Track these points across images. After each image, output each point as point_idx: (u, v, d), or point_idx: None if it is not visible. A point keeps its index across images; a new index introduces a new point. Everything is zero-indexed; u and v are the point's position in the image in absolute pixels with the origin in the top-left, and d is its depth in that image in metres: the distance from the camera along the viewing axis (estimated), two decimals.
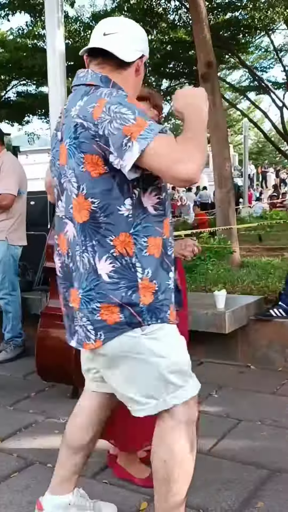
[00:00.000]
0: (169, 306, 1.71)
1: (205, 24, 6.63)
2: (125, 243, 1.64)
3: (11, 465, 2.62)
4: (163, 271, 1.70)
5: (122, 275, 1.65)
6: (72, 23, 13.01)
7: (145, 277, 1.66)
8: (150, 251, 1.66)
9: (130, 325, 1.67)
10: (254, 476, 2.45)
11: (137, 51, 1.75)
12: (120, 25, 1.77)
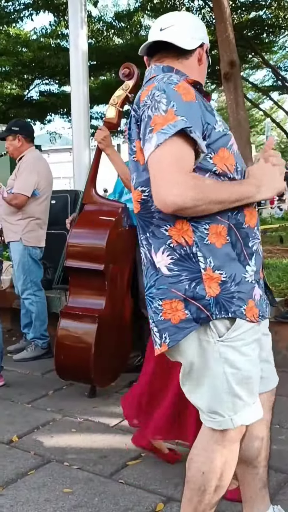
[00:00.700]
0: (244, 300, 1.54)
1: (228, 23, 6.60)
2: (183, 231, 1.53)
3: (28, 463, 2.63)
4: (234, 261, 1.55)
5: (183, 266, 1.53)
6: (95, 22, 13.08)
7: (208, 266, 1.52)
8: (211, 240, 1.53)
9: (198, 321, 1.52)
10: (271, 480, 2.41)
11: (195, 39, 1.69)
12: (175, 17, 1.75)
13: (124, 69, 3.07)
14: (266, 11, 12.00)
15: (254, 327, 1.58)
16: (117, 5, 16.85)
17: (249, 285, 1.56)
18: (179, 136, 1.44)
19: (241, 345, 1.55)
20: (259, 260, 1.62)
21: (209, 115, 1.55)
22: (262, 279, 1.66)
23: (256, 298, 1.59)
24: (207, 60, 1.77)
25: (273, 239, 9.40)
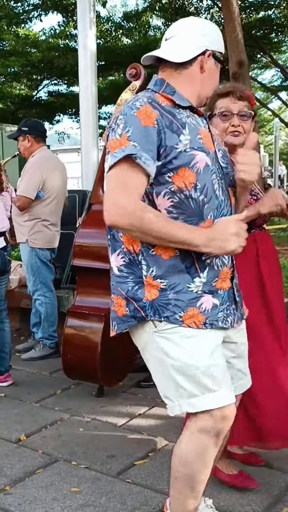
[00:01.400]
0: (182, 307, 1.65)
1: (237, 23, 6.59)
2: (132, 240, 1.67)
3: (36, 462, 2.65)
4: (182, 273, 1.65)
5: (130, 270, 1.70)
6: (104, 23, 13.09)
7: (149, 275, 1.66)
8: (157, 252, 1.64)
9: (135, 318, 1.69)
10: (279, 481, 2.41)
11: (195, 48, 1.70)
12: (180, 27, 1.76)
13: (131, 69, 3.07)
14: (275, 11, 11.95)
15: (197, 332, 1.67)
16: (125, 5, 16.90)
17: (192, 294, 1.66)
18: (126, 161, 1.54)
19: (179, 337, 1.66)
20: (213, 273, 1.69)
21: (173, 135, 1.60)
22: (225, 290, 1.73)
23: (204, 307, 1.67)
24: (216, 64, 1.76)
25: (281, 239, 9.37)
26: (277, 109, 23.68)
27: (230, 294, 1.76)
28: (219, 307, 1.71)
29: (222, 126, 2.22)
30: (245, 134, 2.23)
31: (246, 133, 2.23)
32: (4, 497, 2.34)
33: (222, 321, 1.72)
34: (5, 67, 15.37)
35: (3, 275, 3.70)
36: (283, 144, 32.77)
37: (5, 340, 3.70)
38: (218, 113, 2.24)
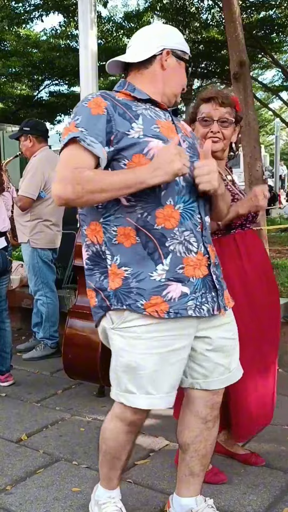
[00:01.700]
0: (144, 296, 1.69)
1: (238, 23, 6.56)
2: (96, 231, 1.75)
3: (37, 461, 2.65)
4: (145, 260, 1.70)
5: (95, 262, 1.77)
6: (105, 23, 13.08)
7: (114, 263, 1.72)
8: (120, 240, 1.71)
9: (102, 308, 1.77)
10: (280, 481, 2.41)
11: (152, 48, 1.81)
12: (139, 33, 1.91)
13: None
14: (276, 11, 11.93)
15: (158, 324, 1.71)
16: (126, 6, 16.92)
17: (155, 283, 1.69)
18: (73, 143, 1.65)
19: (131, 337, 1.73)
20: (177, 260, 1.71)
21: (126, 123, 1.68)
22: (200, 278, 1.74)
23: (170, 296, 1.70)
24: (178, 62, 1.85)
25: (282, 239, 9.37)
26: (278, 109, 23.69)
27: (207, 281, 1.77)
28: (190, 296, 1.72)
29: (202, 131, 2.28)
30: (225, 140, 2.28)
31: (227, 140, 2.29)
32: (5, 497, 2.34)
33: (194, 310, 1.73)
34: (6, 67, 15.40)
35: (4, 275, 3.70)
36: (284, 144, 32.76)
37: (6, 340, 3.71)
38: (198, 118, 2.28)
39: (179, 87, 1.87)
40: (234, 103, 2.32)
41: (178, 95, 1.89)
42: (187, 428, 1.96)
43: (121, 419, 1.86)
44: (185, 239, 1.72)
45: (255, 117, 6.80)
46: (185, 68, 1.88)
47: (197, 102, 2.33)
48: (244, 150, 6.77)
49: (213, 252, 1.85)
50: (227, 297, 1.90)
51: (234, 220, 2.25)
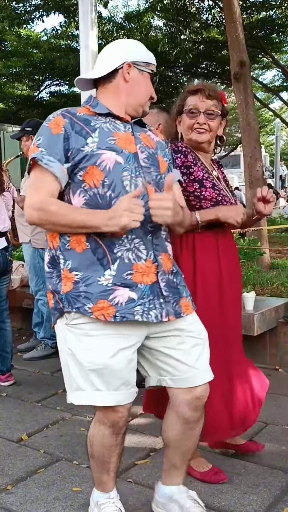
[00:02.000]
0: (91, 299, 1.76)
1: (238, 23, 6.57)
2: (53, 237, 1.86)
3: (38, 461, 2.65)
4: (94, 265, 1.78)
5: (53, 266, 1.87)
6: (105, 23, 13.09)
7: (66, 267, 1.81)
8: (72, 246, 1.80)
9: (57, 310, 1.85)
10: (280, 480, 2.42)
11: (112, 63, 1.89)
12: (103, 50, 1.96)
13: None
14: (276, 11, 11.93)
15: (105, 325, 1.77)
16: (127, 6, 16.92)
17: (101, 287, 1.76)
18: (36, 165, 1.80)
19: (80, 334, 1.80)
20: (125, 266, 1.78)
21: (80, 139, 1.79)
22: (148, 285, 1.80)
23: (117, 300, 1.76)
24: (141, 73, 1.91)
25: (282, 240, 9.37)
26: (278, 109, 23.70)
27: (155, 288, 1.82)
28: (137, 301, 1.78)
29: (188, 122, 2.31)
30: (211, 132, 2.32)
31: (213, 132, 2.33)
32: (5, 497, 2.35)
33: (142, 315, 1.78)
34: (7, 68, 15.40)
35: (4, 275, 3.71)
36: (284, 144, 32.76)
37: (7, 339, 3.71)
38: (185, 110, 2.32)
39: (144, 97, 1.94)
40: (221, 97, 2.35)
41: (145, 104, 1.95)
42: (170, 427, 2.02)
43: (102, 422, 1.90)
44: (134, 246, 1.80)
45: (255, 117, 6.80)
46: (151, 78, 1.95)
47: (184, 94, 2.37)
48: (245, 150, 6.78)
49: (168, 260, 1.90)
50: (186, 305, 1.93)
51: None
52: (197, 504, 2.08)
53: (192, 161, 2.31)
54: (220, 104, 2.34)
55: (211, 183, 2.31)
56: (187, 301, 1.94)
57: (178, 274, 1.95)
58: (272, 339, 4.03)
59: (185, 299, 1.93)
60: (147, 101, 1.95)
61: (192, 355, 1.93)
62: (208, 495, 2.30)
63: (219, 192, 2.32)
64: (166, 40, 11.78)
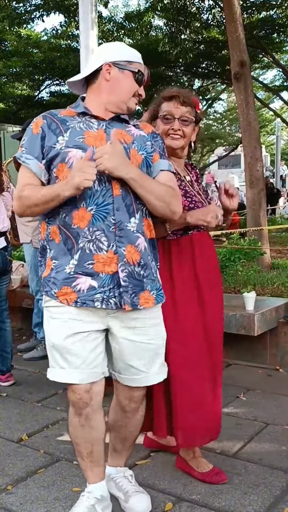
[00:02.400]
0: (57, 285, 1.94)
1: (239, 23, 6.57)
2: (44, 229, 2.04)
3: (38, 461, 2.65)
4: (66, 255, 1.94)
5: (42, 254, 2.07)
6: (106, 23, 13.08)
7: (49, 256, 2.00)
8: (52, 236, 1.98)
9: (42, 292, 2.04)
10: (281, 480, 2.41)
11: (96, 64, 2.02)
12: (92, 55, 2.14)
13: None
14: (276, 11, 11.92)
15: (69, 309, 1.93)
16: (127, 6, 16.91)
17: (66, 275, 1.93)
18: (20, 163, 1.98)
19: (48, 315, 2.01)
20: (86, 256, 1.91)
21: (53, 137, 1.94)
22: (109, 274, 1.91)
23: (79, 287, 1.92)
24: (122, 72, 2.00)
25: (283, 239, 9.37)
26: (279, 109, 23.67)
27: (116, 278, 1.92)
28: (98, 289, 1.92)
29: (162, 128, 2.33)
30: (185, 138, 2.35)
31: (187, 138, 2.36)
32: (6, 497, 2.35)
33: (102, 302, 1.92)
34: (7, 68, 15.39)
35: (4, 275, 3.70)
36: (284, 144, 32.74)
37: (7, 339, 3.71)
38: (160, 116, 2.35)
39: (126, 94, 2.02)
40: (195, 103, 2.38)
41: (128, 101, 2.03)
42: (112, 410, 2.21)
43: (71, 405, 2.04)
44: (96, 238, 1.91)
45: (255, 117, 6.80)
46: (133, 75, 2.02)
47: (159, 100, 2.39)
48: (245, 150, 6.77)
49: (135, 252, 1.95)
50: (146, 298, 1.98)
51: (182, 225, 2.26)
52: (130, 481, 2.26)
53: None
54: (194, 110, 2.36)
55: (183, 190, 2.33)
56: (150, 295, 1.99)
57: (148, 268, 1.99)
58: (273, 339, 4.03)
59: (147, 293, 1.99)
60: (130, 98, 2.03)
61: (142, 359, 2.02)
62: (208, 495, 2.30)
63: (191, 200, 2.33)
64: (167, 39, 11.75)
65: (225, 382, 3.69)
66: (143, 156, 2.01)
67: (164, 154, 2.11)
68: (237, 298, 4.37)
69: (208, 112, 22.59)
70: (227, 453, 2.68)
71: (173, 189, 2.05)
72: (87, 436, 2.04)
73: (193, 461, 2.46)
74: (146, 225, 2.02)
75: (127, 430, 2.19)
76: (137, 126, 2.08)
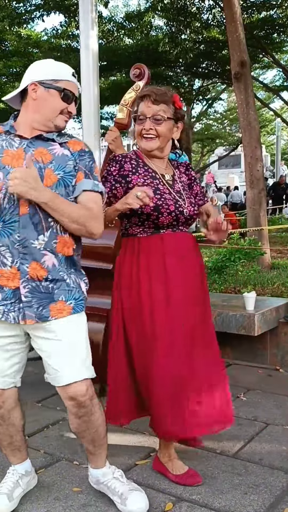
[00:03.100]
0: None
1: (239, 23, 6.57)
2: None
3: (38, 461, 2.65)
4: None
5: None
6: (106, 23, 13.08)
7: None
8: None
9: None
10: (281, 481, 2.41)
11: (23, 84, 2.07)
12: None
13: (134, 69, 3.08)
14: (277, 11, 11.91)
15: None
16: (127, 6, 16.90)
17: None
18: None
19: None
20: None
21: None
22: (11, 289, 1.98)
23: None
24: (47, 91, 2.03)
25: (283, 240, 9.37)
26: (279, 109, 23.68)
27: (17, 293, 1.99)
28: (1, 302, 2.01)
29: (136, 129, 2.31)
30: (160, 137, 2.30)
31: (162, 137, 2.30)
32: None
33: (2, 315, 2.01)
34: (7, 68, 15.37)
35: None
36: (284, 144, 32.74)
37: None
38: (133, 117, 2.33)
39: (51, 112, 2.04)
40: (172, 100, 2.31)
41: (54, 119, 2.04)
42: (69, 418, 2.23)
43: None
44: (1, 253, 1.97)
45: (256, 117, 6.80)
46: (59, 94, 2.04)
47: (137, 101, 2.36)
48: (245, 150, 6.78)
49: (41, 269, 1.98)
50: (59, 309, 2.03)
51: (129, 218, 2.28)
52: (121, 481, 2.26)
53: (131, 169, 2.32)
54: (172, 108, 2.31)
55: (154, 187, 2.29)
56: (65, 305, 2.04)
57: (60, 281, 2.03)
58: (273, 339, 4.03)
59: (61, 303, 2.03)
60: (56, 116, 2.04)
61: (55, 358, 2.10)
62: (208, 495, 2.30)
63: (160, 197, 2.28)
64: (167, 39, 11.76)
65: None
66: (59, 176, 2.00)
67: (91, 173, 2.07)
68: (237, 298, 4.38)
69: (208, 112, 22.60)
70: (227, 453, 2.68)
71: (91, 211, 2.02)
72: (5, 431, 2.23)
73: (169, 463, 2.45)
74: (60, 243, 2.02)
75: (91, 432, 2.20)
76: (64, 144, 2.07)
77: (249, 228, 6.71)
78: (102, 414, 2.22)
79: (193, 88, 17.26)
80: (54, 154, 2.03)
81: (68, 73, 2.11)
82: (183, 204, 2.33)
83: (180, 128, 2.39)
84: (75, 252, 2.11)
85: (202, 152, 29.09)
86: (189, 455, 2.63)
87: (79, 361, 2.10)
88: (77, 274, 2.13)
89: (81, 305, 2.11)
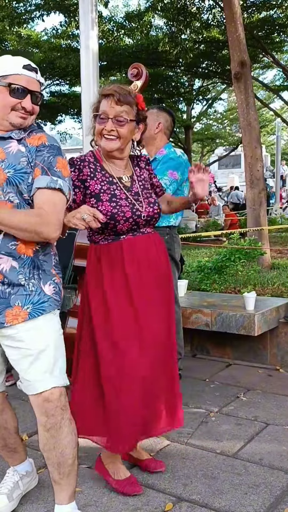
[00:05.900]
0: None
1: (239, 23, 6.57)
2: None
3: (38, 461, 2.64)
4: None
5: None
6: (106, 23, 13.08)
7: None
8: None
9: None
10: (281, 481, 2.41)
11: None
12: None
13: (132, 69, 3.07)
14: (277, 11, 11.92)
15: None
16: (127, 6, 16.89)
17: None
18: None
19: None
20: None
21: None
22: None
23: None
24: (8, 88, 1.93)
25: (283, 240, 9.37)
26: (279, 109, 23.68)
27: None
28: None
29: (97, 128, 2.26)
30: (122, 139, 2.25)
31: (123, 138, 2.25)
32: None
33: None
34: None
35: None
36: (285, 144, 32.73)
37: None
38: (94, 115, 2.27)
39: (2, 109, 1.95)
40: (135, 102, 2.27)
41: (7, 117, 1.96)
42: (39, 437, 2.10)
43: None
44: None
45: (256, 117, 6.80)
46: (7, 90, 1.94)
47: (99, 97, 2.29)
48: (245, 150, 6.77)
49: None
50: (14, 314, 1.94)
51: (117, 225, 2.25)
52: None
53: (89, 174, 2.28)
54: (135, 109, 2.27)
55: (110, 194, 2.25)
56: (21, 311, 1.95)
57: (17, 286, 1.95)
58: (273, 339, 4.03)
59: (18, 309, 1.95)
60: (8, 113, 1.96)
61: (22, 365, 2.01)
62: (208, 495, 2.30)
63: (115, 204, 2.24)
64: (167, 39, 11.77)
65: (226, 382, 3.70)
66: (9, 174, 1.92)
67: (49, 169, 1.94)
68: (237, 298, 4.38)
69: (208, 112, 22.60)
70: (227, 453, 2.68)
71: (41, 217, 1.90)
72: None
73: (110, 466, 2.41)
74: (22, 243, 1.95)
75: (58, 452, 2.04)
76: (23, 140, 1.98)
77: (249, 228, 6.71)
78: (73, 436, 2.07)
79: (193, 88, 17.27)
80: (8, 152, 1.96)
81: (16, 67, 1.96)
82: (140, 207, 2.29)
83: (141, 130, 2.33)
84: (39, 253, 2.03)
85: (202, 152, 29.10)
86: (189, 455, 2.63)
87: (45, 370, 2.00)
88: (42, 276, 2.03)
89: (41, 309, 1.99)
